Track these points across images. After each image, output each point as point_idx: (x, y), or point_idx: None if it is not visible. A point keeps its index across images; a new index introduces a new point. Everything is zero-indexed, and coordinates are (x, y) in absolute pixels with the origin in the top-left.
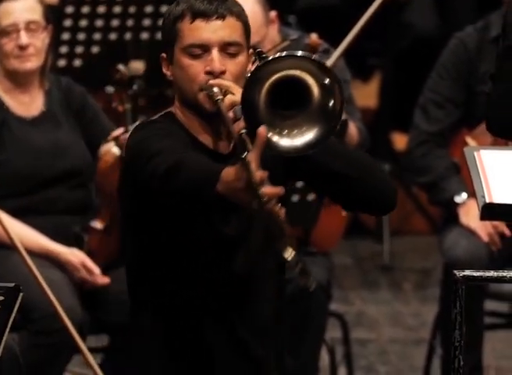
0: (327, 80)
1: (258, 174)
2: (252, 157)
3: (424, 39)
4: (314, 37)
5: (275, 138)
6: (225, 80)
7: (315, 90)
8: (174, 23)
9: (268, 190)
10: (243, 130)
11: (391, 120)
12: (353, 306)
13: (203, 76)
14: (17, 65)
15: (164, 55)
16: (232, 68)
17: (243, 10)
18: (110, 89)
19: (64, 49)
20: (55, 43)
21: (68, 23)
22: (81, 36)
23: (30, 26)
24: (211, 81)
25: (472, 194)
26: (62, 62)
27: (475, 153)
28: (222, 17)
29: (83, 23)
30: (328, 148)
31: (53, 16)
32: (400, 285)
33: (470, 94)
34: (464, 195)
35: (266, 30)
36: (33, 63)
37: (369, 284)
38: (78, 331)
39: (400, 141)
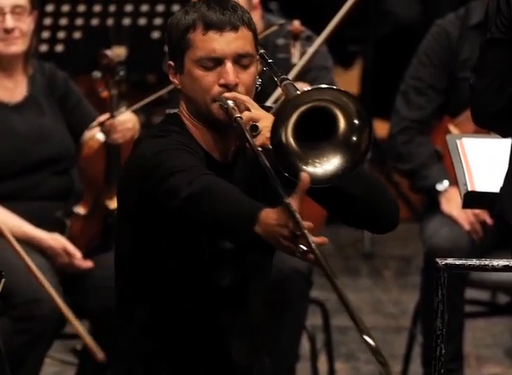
0: (356, 121)
1: (305, 224)
2: (296, 204)
3: (405, 26)
4: (296, 23)
5: (310, 169)
6: (240, 94)
7: (341, 121)
8: (185, 33)
9: (316, 240)
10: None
11: (372, 107)
12: (334, 293)
13: (217, 88)
14: (2, 48)
15: (171, 63)
16: (245, 79)
17: (251, 17)
18: (97, 74)
19: (46, 34)
20: (37, 28)
21: (50, 8)
22: (63, 21)
23: (15, 10)
24: (226, 94)
25: (454, 182)
26: (43, 48)
27: (457, 141)
28: (236, 29)
29: (65, 8)
30: None
31: (35, 1)
32: (380, 272)
33: (451, 81)
34: (446, 183)
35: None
36: (18, 47)
37: (350, 271)
38: (59, 317)
39: (381, 128)
